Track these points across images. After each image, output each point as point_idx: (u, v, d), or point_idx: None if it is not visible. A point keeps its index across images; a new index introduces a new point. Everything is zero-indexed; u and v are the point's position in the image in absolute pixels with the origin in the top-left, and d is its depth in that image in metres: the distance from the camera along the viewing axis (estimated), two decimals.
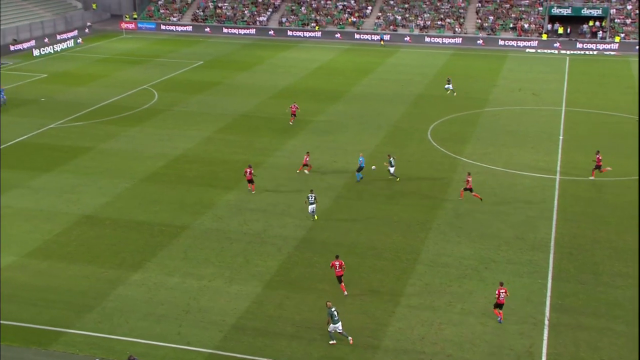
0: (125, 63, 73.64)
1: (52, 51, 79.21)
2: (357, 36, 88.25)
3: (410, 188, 40.37)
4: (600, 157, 41.00)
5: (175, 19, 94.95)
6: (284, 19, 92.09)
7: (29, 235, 33.87)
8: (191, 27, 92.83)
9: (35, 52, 77.27)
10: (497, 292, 27.03)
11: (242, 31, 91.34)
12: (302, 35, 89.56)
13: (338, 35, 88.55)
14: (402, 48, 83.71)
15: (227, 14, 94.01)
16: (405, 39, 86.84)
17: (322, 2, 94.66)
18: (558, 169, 43.40)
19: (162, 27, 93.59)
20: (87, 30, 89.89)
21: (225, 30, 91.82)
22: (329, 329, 25.58)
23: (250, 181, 39.00)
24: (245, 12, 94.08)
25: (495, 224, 35.72)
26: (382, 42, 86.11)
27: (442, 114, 55.24)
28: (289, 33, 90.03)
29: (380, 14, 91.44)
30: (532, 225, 35.61)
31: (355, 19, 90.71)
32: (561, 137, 49.64)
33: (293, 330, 26.58)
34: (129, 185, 40.27)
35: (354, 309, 27.96)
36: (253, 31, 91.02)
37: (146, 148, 46.60)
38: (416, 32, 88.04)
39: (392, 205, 37.96)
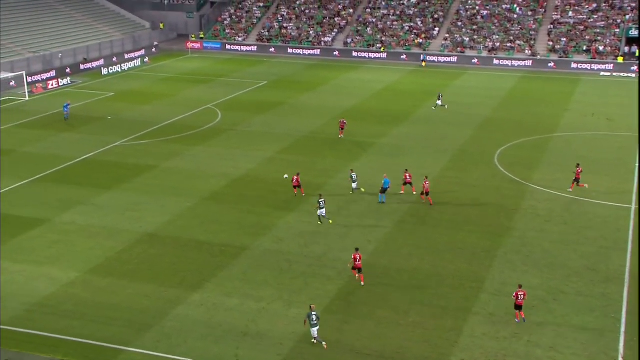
0: (190, 82, 75.45)
1: (119, 70, 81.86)
2: (423, 58, 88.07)
3: (475, 214, 39.80)
4: None
5: (240, 39, 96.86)
6: (349, 40, 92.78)
7: (91, 252, 34.84)
8: (256, 47, 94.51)
9: (104, 71, 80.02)
10: (515, 294, 28.33)
11: (306, 51, 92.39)
12: (367, 57, 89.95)
13: (404, 56, 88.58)
14: (469, 70, 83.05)
15: (292, 34, 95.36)
16: (473, 61, 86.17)
17: (388, 23, 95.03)
18: (634, 197, 42.06)
19: (228, 46, 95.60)
20: (154, 50, 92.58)
21: (289, 50, 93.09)
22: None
23: (298, 187, 41.45)
24: (311, 32, 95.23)
25: (564, 253, 34.82)
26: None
27: (511, 138, 54.41)
28: (354, 54, 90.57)
29: (447, 35, 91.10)
30: (605, 256, 34.55)
31: (421, 40, 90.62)
32: (637, 165, 48.17)
33: (351, 356, 26.43)
34: (190, 205, 41.04)
35: (416, 337, 27.63)
36: (318, 52, 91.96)
37: (209, 167, 47.46)
38: (484, 54, 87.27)
39: (456, 232, 37.48)
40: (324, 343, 27.00)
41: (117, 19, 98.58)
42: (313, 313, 27.05)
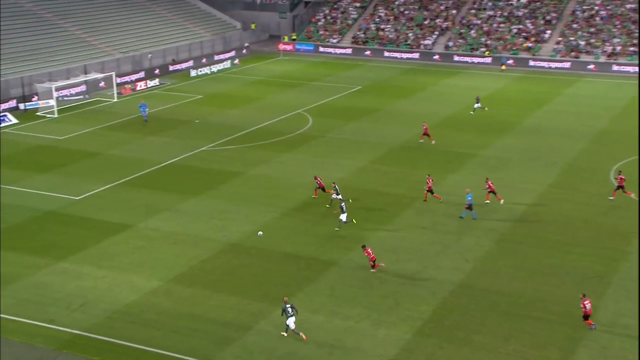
0: (280, 86, 76.73)
1: (208, 72, 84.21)
2: (532, 63, 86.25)
3: (587, 235, 38.59)
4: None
5: (334, 41, 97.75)
6: (450, 43, 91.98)
7: (175, 260, 35.96)
8: (351, 49, 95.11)
9: (193, 73, 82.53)
10: (582, 304, 29.09)
11: (404, 55, 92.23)
12: (469, 61, 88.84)
13: (510, 61, 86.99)
14: (583, 77, 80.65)
15: (390, 36, 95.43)
16: (589, 67, 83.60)
17: (494, 25, 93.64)
18: None
19: (321, 49, 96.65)
20: (244, 51, 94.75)
21: (386, 53, 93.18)
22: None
23: (322, 189, 42.71)
24: (409, 34, 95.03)
25: None
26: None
27: (630, 152, 52.46)
28: (456, 58, 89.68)
29: (560, 38, 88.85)
30: None
31: (531, 44, 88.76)
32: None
33: None
34: (277, 214, 41.69)
35: None
36: (416, 55, 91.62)
37: (297, 176, 48.08)
38: (602, 59, 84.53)
39: (564, 254, 36.45)
40: (301, 334, 28.42)
41: (207, 18, 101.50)
42: (287, 305, 28.68)
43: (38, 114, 64.11)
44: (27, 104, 65.08)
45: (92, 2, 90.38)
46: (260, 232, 38.03)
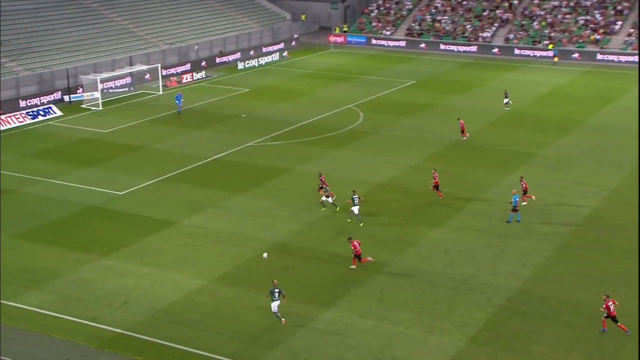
0: (330, 79, 76.80)
1: (256, 64, 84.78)
2: (599, 57, 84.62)
3: None
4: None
5: (388, 33, 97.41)
6: (511, 36, 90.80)
7: (219, 259, 36.29)
8: (405, 42, 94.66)
9: (240, 65, 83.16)
10: (604, 305, 29.05)
11: (461, 48, 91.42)
12: (531, 55, 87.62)
13: (576, 55, 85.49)
14: None
15: (446, 28, 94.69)
16: None
17: (559, 16, 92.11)
18: None
19: (373, 41, 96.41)
20: (293, 43, 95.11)
21: (442, 46, 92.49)
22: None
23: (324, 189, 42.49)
24: (467, 26, 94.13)
25: None
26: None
27: None
28: (517, 51, 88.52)
29: (632, 30, 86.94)
30: None
31: (599, 37, 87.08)
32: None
33: None
34: (325, 213, 41.73)
35: None
36: (474, 48, 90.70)
37: (346, 173, 48.09)
38: None
39: (632, 261, 35.67)
40: (282, 320, 29.87)
41: (256, 9, 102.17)
42: (276, 289, 30.16)
43: (83, 106, 65.42)
44: (71, 96, 66.45)
45: None
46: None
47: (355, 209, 39.99)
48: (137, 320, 30.74)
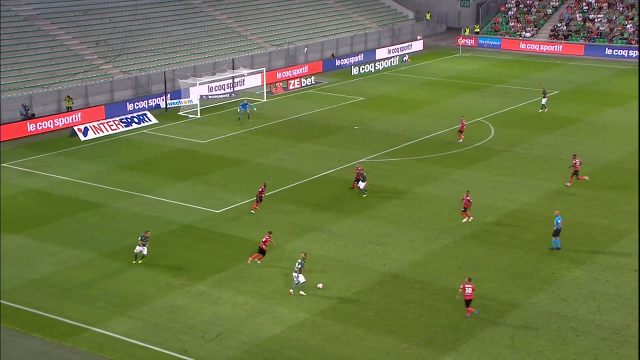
0: (457, 88, 76.35)
1: (372, 70, 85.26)
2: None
3: None
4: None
5: (528, 35, 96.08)
6: None
7: (323, 290, 36.49)
8: (548, 45, 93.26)
9: (354, 71, 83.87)
10: (462, 287, 32.64)
11: (619, 52, 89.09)
12: None
13: None
14: None
15: (601, 28, 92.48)
16: None
17: None
18: None
19: (510, 44, 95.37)
20: (416, 45, 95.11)
21: (595, 50, 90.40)
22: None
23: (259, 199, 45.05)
24: (628, 26, 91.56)
25: None
26: None
27: None
28: None
29: None
30: None
31: None
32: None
33: None
34: (447, 242, 41.45)
35: None
36: (635, 53, 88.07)
37: (474, 197, 47.51)
38: None
39: None
40: (291, 290, 35.41)
41: (375, 7, 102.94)
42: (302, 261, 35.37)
43: (180, 113, 67.57)
44: (168, 102, 68.71)
45: None
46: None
47: (362, 185, 42.55)
48: (231, 356, 31.34)
